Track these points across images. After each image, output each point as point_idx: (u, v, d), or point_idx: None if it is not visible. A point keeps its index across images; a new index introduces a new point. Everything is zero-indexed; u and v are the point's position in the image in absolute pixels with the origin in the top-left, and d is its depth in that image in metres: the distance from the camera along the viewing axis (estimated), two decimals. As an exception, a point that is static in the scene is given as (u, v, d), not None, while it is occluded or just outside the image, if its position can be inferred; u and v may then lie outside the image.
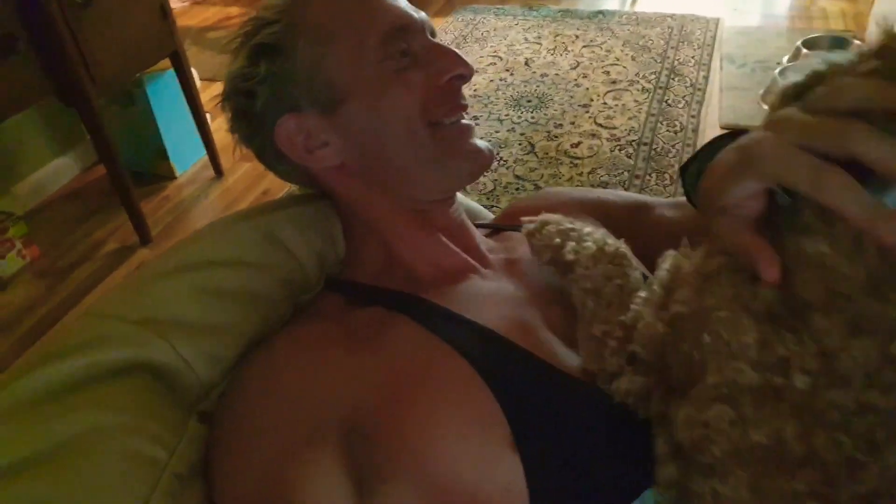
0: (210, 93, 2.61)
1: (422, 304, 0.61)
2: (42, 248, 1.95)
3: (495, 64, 2.83)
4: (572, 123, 2.35)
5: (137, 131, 2.17)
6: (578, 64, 2.77)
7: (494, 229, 0.81)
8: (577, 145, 2.23)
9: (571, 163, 2.14)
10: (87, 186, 2.25)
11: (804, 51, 2.21)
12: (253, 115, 0.65)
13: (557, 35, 3.05)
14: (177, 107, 2.14)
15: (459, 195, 0.75)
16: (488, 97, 2.56)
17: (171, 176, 2.26)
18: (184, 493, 0.49)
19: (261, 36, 0.64)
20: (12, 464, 0.45)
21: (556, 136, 2.29)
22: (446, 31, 3.17)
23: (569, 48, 2.91)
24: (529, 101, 2.52)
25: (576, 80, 2.65)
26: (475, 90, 2.58)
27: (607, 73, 2.68)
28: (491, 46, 2.99)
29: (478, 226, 0.80)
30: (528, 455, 0.49)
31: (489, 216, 0.93)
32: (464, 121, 0.67)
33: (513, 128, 2.36)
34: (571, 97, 2.52)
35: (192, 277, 0.61)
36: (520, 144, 2.26)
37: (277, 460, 0.49)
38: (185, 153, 2.26)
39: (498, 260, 0.71)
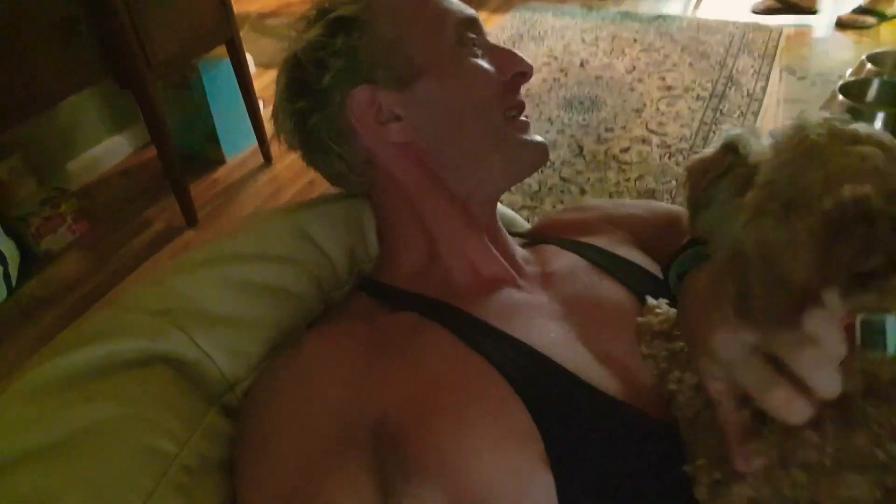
0: (265, 80, 2.63)
1: (456, 314, 0.59)
2: (91, 224, 2.01)
3: (550, 64, 2.79)
4: (623, 128, 2.30)
5: (190, 115, 2.21)
6: (634, 68, 2.71)
7: (532, 240, 0.79)
8: (626, 150, 2.18)
9: (619, 168, 2.09)
10: (138, 166, 2.31)
11: (868, 65, 2.11)
12: (318, 89, 0.64)
13: (615, 37, 2.98)
14: (230, 93, 2.17)
15: None
16: (540, 97, 2.52)
17: (221, 160, 2.29)
18: (194, 485, 0.49)
19: (340, 10, 0.64)
20: (23, 451, 0.45)
21: (606, 140, 2.24)
22: (504, 28, 3.14)
23: (626, 51, 2.85)
24: (582, 103, 2.47)
25: (630, 84, 2.58)
26: (527, 89, 2.54)
27: (663, 78, 2.61)
28: (547, 46, 2.95)
29: (512, 234, 0.78)
30: (562, 475, 0.47)
31: (524, 225, 0.91)
32: (522, 118, 0.69)
33: (563, 129, 2.32)
34: (624, 101, 2.46)
35: (218, 270, 0.61)
36: (569, 147, 2.22)
37: (305, 465, 0.48)
38: (235, 139, 2.29)
39: (533, 271, 0.69)
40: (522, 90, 0.69)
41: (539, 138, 0.68)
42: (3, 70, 1.56)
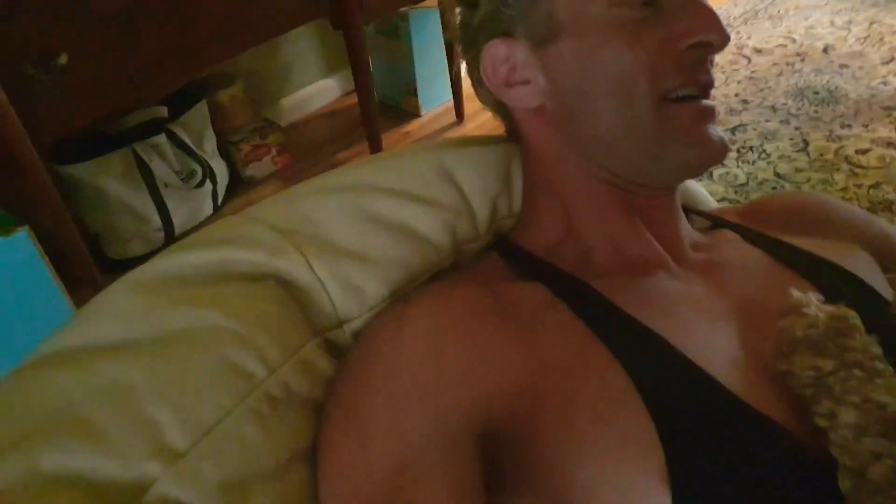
0: (471, 38, 2.62)
1: (588, 294, 0.51)
2: (293, 158, 2.14)
3: (786, 46, 2.46)
4: (865, 126, 1.96)
5: (395, 65, 2.25)
6: (893, 58, 2.30)
7: (714, 224, 0.66)
8: (864, 152, 1.86)
9: (851, 171, 1.79)
10: (343, 110, 2.41)
11: None
12: (471, 26, 0.60)
13: (874, 23, 2.55)
14: (435, 47, 2.18)
15: None
16: (766, 81, 2.23)
17: (416, 113, 2.32)
18: (273, 416, 0.46)
19: None
20: (116, 340, 0.45)
21: (840, 138, 1.93)
22: (736, 2, 2.83)
23: (885, 39, 2.43)
24: (817, 93, 2.15)
25: (884, 76, 2.20)
26: (754, 72, 2.27)
27: (930, 73, 2.19)
28: (786, 26, 2.61)
29: (694, 212, 0.66)
30: (682, 496, 0.39)
31: (712, 204, 0.78)
32: (703, 101, 0.54)
33: (787, 119, 2.04)
34: (873, 96, 2.10)
35: (349, 198, 0.58)
36: (791, 139, 1.94)
37: (397, 463, 0.43)
38: (433, 93, 2.31)
39: (698, 259, 0.57)
40: (747, 71, 0.56)
41: (712, 132, 0.53)
42: (237, 6, 1.68)
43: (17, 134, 1.27)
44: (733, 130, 2.01)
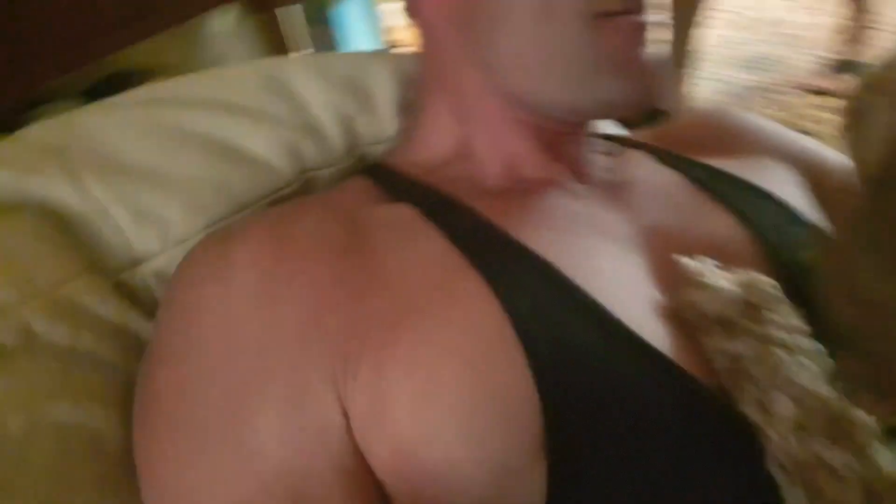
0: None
1: (465, 215, 0.41)
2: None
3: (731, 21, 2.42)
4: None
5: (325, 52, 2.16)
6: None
7: (621, 145, 0.56)
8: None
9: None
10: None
11: None
12: None
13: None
14: (367, 34, 2.09)
15: None
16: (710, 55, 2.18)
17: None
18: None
19: None
20: None
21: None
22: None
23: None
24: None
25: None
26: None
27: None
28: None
29: (601, 136, 0.57)
30: (560, 469, 0.32)
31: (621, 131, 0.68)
32: (638, 17, 0.42)
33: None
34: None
35: (144, 112, 0.46)
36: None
37: (253, 470, 0.34)
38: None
39: (603, 179, 0.49)
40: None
41: (649, 60, 0.42)
42: None
43: None
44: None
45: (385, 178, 0.47)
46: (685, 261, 0.39)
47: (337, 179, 0.52)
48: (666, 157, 0.52)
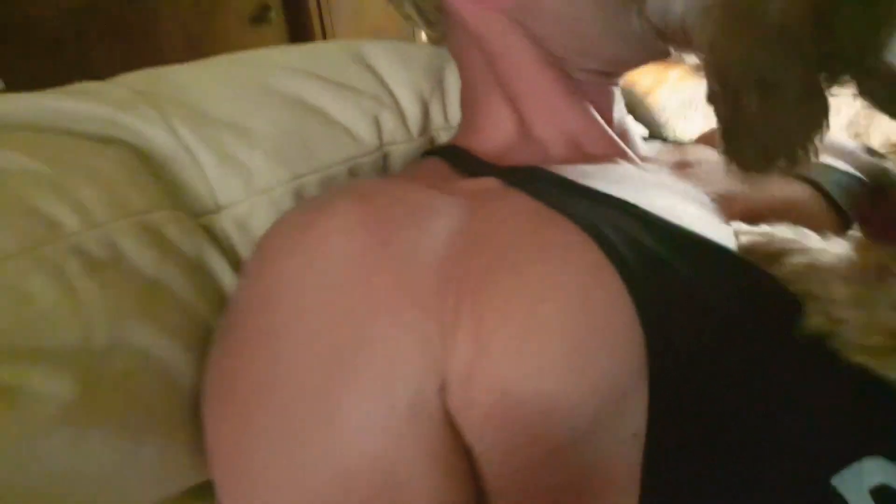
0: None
1: (547, 177, 0.41)
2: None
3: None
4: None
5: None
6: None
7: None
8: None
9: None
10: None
11: None
12: None
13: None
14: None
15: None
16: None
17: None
18: (84, 276, 0.33)
19: None
20: None
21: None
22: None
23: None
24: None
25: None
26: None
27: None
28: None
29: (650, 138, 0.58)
30: (659, 370, 0.31)
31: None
32: None
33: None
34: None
35: (235, 69, 0.47)
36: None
37: (338, 459, 0.32)
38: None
39: (668, 160, 0.50)
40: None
41: None
42: (200, 48, 1.65)
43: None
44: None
45: (460, 159, 0.47)
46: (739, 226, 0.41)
47: (409, 156, 0.52)
48: None
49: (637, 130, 0.54)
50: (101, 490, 0.32)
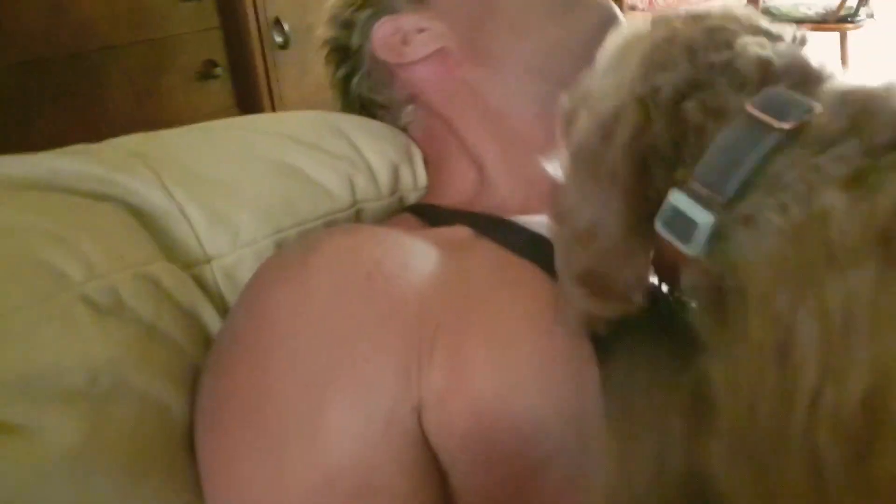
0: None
1: (512, 227, 0.48)
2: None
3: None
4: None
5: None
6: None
7: None
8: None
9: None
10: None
11: None
12: (351, 49, 0.62)
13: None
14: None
15: None
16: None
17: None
18: (90, 323, 0.36)
19: None
20: None
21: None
22: None
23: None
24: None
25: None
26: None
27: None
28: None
29: None
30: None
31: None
32: None
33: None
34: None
35: (222, 133, 0.51)
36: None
37: (321, 468, 0.35)
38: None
39: None
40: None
41: None
42: (148, 104, 1.66)
43: None
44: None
45: (429, 213, 0.53)
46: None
47: (381, 214, 0.57)
48: None
49: None
50: None
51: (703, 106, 0.31)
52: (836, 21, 3.20)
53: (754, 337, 0.25)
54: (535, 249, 0.43)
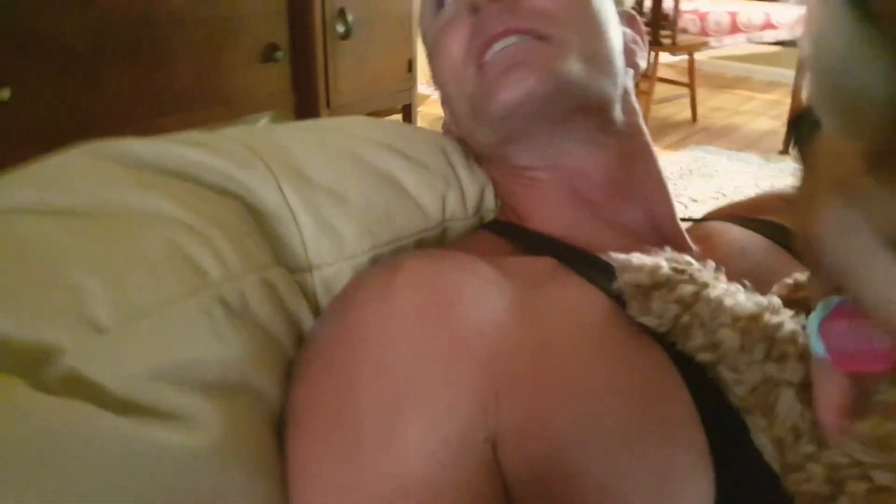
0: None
1: (600, 263, 0.47)
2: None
3: (718, 199, 2.64)
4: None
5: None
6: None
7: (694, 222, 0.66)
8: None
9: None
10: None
11: None
12: None
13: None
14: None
15: None
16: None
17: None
18: (226, 324, 0.38)
19: None
20: (63, 207, 0.37)
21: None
22: (673, 162, 3.06)
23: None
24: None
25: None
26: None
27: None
28: (717, 183, 2.83)
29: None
30: (727, 474, 0.35)
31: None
32: (508, 43, 0.51)
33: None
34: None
35: (333, 137, 0.53)
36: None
37: (398, 478, 0.36)
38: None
39: (692, 252, 0.55)
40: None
41: (512, 77, 0.50)
42: (208, 79, 1.69)
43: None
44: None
45: (510, 231, 0.54)
46: (615, 255, 0.42)
47: (462, 232, 0.59)
48: (736, 219, 0.61)
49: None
50: None
51: None
52: None
53: None
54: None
